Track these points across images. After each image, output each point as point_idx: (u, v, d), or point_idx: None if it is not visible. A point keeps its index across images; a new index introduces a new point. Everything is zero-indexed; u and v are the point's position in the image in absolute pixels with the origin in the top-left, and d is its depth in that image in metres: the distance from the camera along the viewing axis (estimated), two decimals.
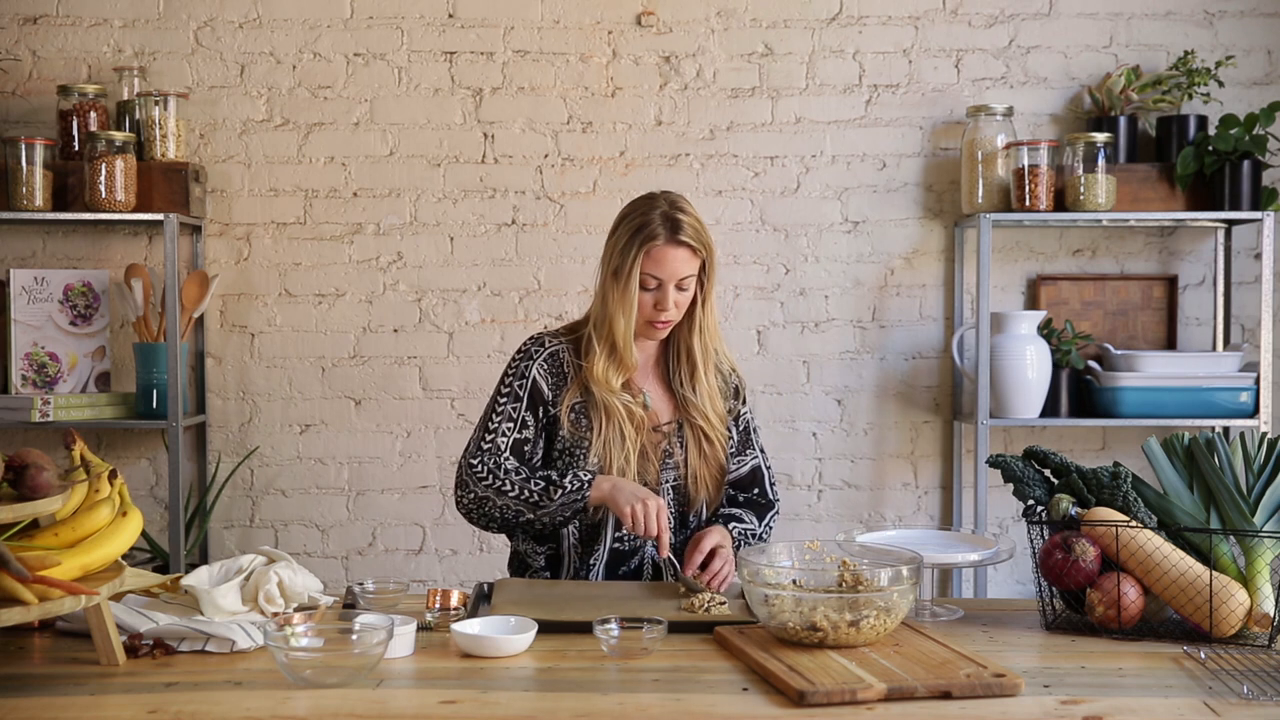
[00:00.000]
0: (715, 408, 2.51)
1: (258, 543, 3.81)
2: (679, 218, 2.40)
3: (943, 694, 1.71)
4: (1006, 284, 3.82)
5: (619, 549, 2.47)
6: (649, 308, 2.42)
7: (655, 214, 2.41)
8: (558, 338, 2.53)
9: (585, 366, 2.45)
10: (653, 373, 2.55)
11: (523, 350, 2.52)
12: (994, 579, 3.78)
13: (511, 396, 2.47)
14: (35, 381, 3.63)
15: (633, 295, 2.40)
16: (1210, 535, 2.04)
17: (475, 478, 2.43)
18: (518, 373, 2.49)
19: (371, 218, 3.80)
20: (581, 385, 2.46)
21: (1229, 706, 1.68)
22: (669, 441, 2.50)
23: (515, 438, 2.45)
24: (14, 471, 1.77)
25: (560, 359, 2.49)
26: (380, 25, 3.78)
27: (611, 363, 2.45)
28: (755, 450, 2.61)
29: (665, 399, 2.53)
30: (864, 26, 3.79)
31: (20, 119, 3.75)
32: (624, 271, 2.40)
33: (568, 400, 2.46)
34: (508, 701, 1.70)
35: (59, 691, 1.74)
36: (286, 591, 2.09)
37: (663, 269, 2.40)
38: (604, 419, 2.44)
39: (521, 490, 2.39)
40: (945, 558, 2.23)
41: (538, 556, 2.50)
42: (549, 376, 2.48)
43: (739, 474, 2.58)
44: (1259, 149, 3.53)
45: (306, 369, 3.82)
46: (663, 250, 2.39)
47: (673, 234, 2.39)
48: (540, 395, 2.47)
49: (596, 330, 2.46)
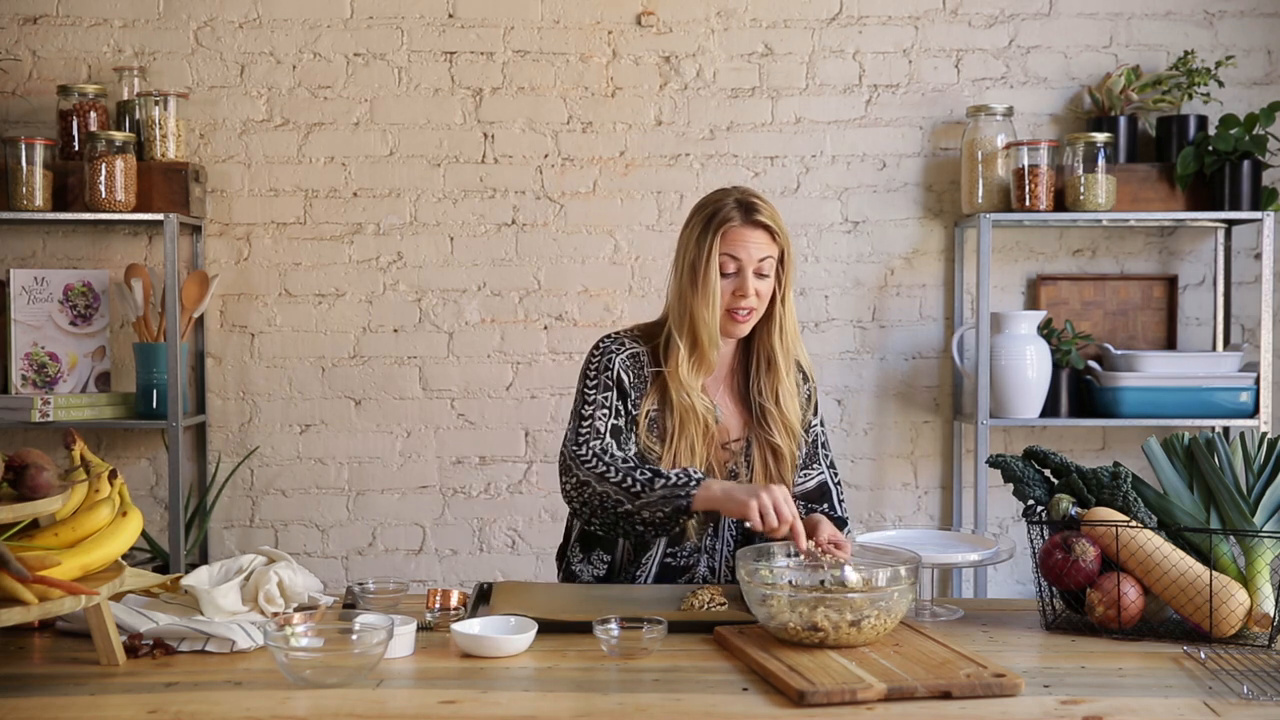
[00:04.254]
0: (794, 418, 2.43)
1: (258, 543, 3.81)
2: (753, 200, 2.37)
3: (943, 694, 1.71)
4: (1006, 284, 3.82)
5: (670, 564, 2.40)
6: (729, 294, 2.35)
7: (729, 200, 2.38)
8: (635, 341, 2.45)
9: (667, 369, 2.38)
10: (725, 383, 2.47)
11: (601, 348, 2.44)
12: (994, 579, 3.78)
13: (601, 386, 2.39)
14: (35, 381, 3.63)
15: (714, 282, 2.34)
16: (1210, 535, 2.04)
17: (578, 460, 2.31)
18: (601, 366, 2.41)
19: (371, 218, 3.80)
20: (658, 392, 2.39)
21: (1229, 706, 1.68)
22: (735, 461, 2.43)
23: (613, 423, 2.37)
24: (14, 471, 1.77)
25: (640, 361, 2.42)
26: (380, 25, 3.78)
27: (694, 360, 2.37)
28: (823, 465, 2.52)
29: (736, 413, 2.46)
30: (864, 26, 3.79)
31: (20, 119, 3.75)
32: (701, 259, 2.34)
33: (646, 406, 2.39)
34: (508, 701, 1.70)
35: (59, 691, 1.74)
36: (286, 591, 2.09)
37: (740, 249, 2.34)
38: (677, 429, 2.36)
39: (625, 477, 2.26)
40: (945, 558, 2.23)
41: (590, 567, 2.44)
42: (630, 374, 2.41)
43: (805, 488, 2.48)
44: (1259, 149, 3.53)
45: (306, 369, 3.82)
46: (739, 231, 2.34)
47: (748, 215, 2.35)
48: (623, 388, 2.40)
49: (677, 328, 2.38)
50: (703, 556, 2.42)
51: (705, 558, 2.42)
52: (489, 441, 3.82)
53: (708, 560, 2.42)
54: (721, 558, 2.43)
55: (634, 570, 2.41)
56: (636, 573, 2.40)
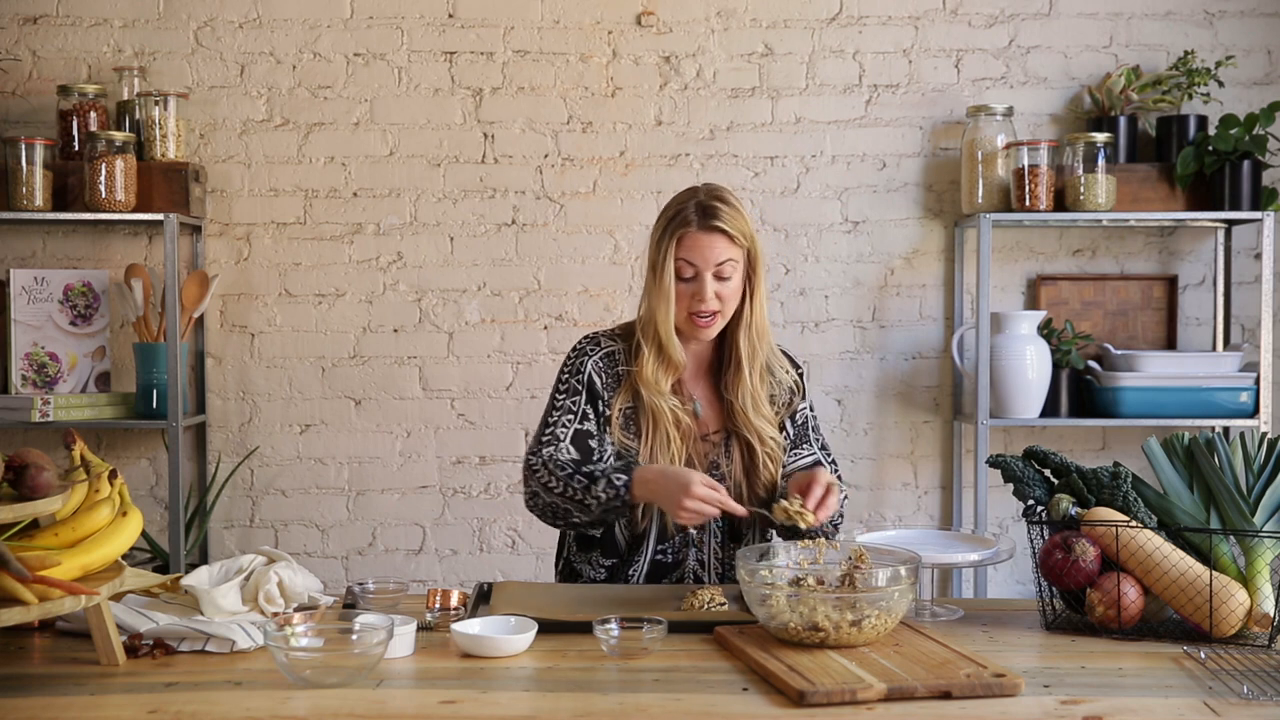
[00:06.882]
0: (766, 413, 2.43)
1: (258, 543, 3.81)
2: (713, 204, 2.36)
3: (943, 694, 1.71)
4: (1006, 284, 3.82)
5: (661, 560, 2.43)
6: (687, 298, 2.37)
7: (691, 203, 2.38)
8: (613, 339, 2.48)
9: (635, 369, 2.41)
10: (704, 378, 2.49)
11: (577, 349, 2.48)
12: (994, 579, 3.78)
13: (570, 391, 2.43)
14: (35, 381, 3.63)
15: (668, 285, 2.36)
16: (1210, 535, 2.04)
17: (531, 470, 2.37)
18: (573, 369, 2.45)
19: (371, 218, 3.80)
20: (632, 389, 2.42)
21: (1229, 706, 1.68)
22: (716, 453, 2.44)
23: (577, 429, 2.40)
24: (14, 471, 1.77)
25: (615, 359, 2.45)
26: (380, 25, 3.78)
27: (660, 363, 2.40)
28: (813, 446, 2.52)
29: (716, 407, 2.47)
30: (864, 26, 3.79)
31: (20, 119, 3.75)
32: (660, 262, 2.36)
33: (619, 404, 2.42)
34: (508, 701, 1.70)
35: (59, 691, 1.74)
36: (286, 591, 2.10)
37: (696, 255, 2.35)
38: (651, 425, 2.39)
39: (565, 488, 2.31)
40: (945, 558, 2.23)
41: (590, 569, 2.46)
42: (603, 374, 2.44)
43: (798, 464, 2.48)
44: (1259, 149, 3.53)
45: (306, 369, 3.82)
46: (695, 236, 2.35)
47: (705, 219, 2.35)
48: (595, 391, 2.43)
49: (643, 330, 2.42)
50: (691, 550, 2.44)
51: (694, 551, 2.44)
52: (489, 441, 3.82)
53: (696, 554, 2.44)
54: (710, 550, 2.45)
55: (626, 571, 2.43)
56: (629, 572, 2.43)
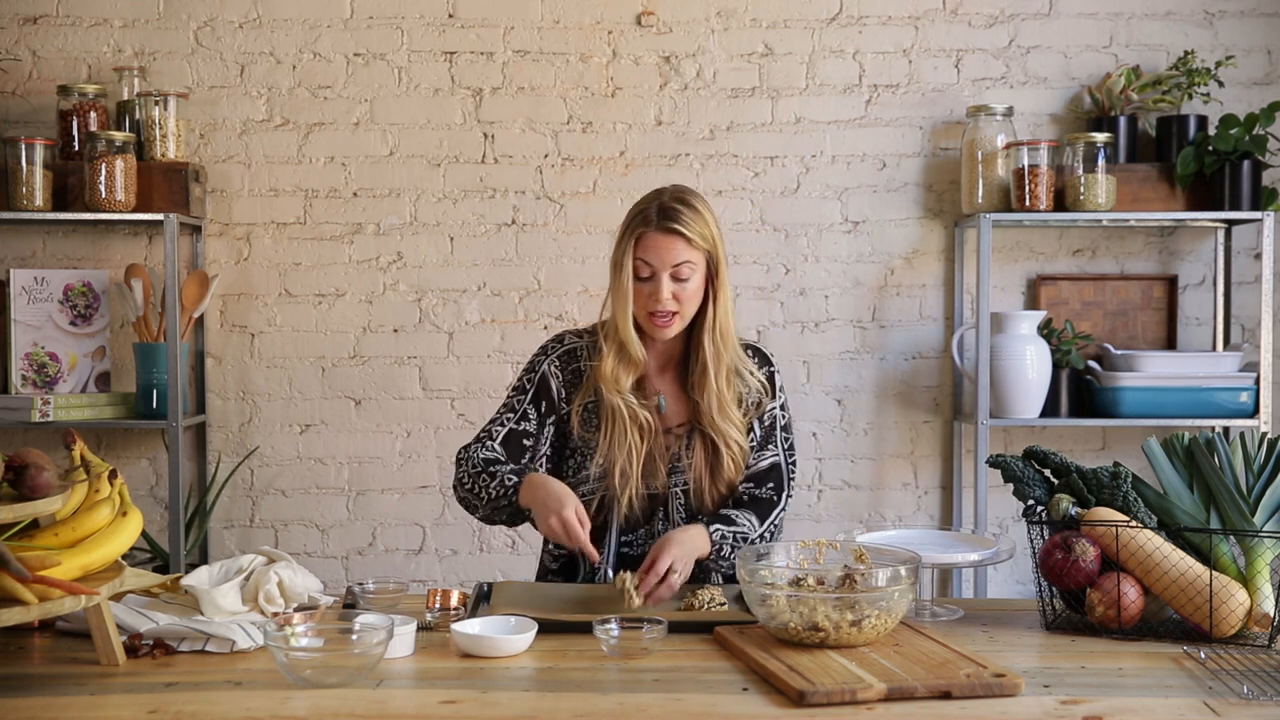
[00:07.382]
0: (724, 415, 2.43)
1: (258, 543, 3.81)
2: (674, 207, 2.37)
3: (943, 694, 1.71)
4: (1006, 284, 3.82)
5: (627, 553, 2.44)
6: (644, 297, 2.38)
7: (654, 204, 2.39)
8: (579, 336, 2.52)
9: (595, 366, 2.44)
10: (670, 372, 2.50)
11: (541, 347, 2.53)
12: (994, 579, 3.78)
13: (519, 389, 2.48)
14: (35, 381, 3.63)
15: (626, 285, 2.38)
16: (1210, 535, 2.04)
17: (457, 464, 2.44)
18: (530, 367, 2.50)
19: (371, 218, 3.80)
20: (594, 385, 2.45)
21: (1229, 706, 1.68)
22: (679, 446, 2.46)
23: (512, 428, 2.44)
24: (14, 471, 1.77)
25: (577, 356, 2.49)
26: (380, 25, 3.78)
27: (620, 361, 2.42)
28: (778, 448, 2.52)
29: (681, 402, 2.49)
30: (864, 26, 3.79)
31: (20, 119, 3.75)
32: (620, 260, 2.39)
33: (580, 399, 2.45)
34: (508, 701, 1.70)
35: (59, 691, 1.74)
36: (286, 591, 2.10)
37: (652, 255, 2.36)
38: (610, 421, 2.41)
39: (473, 483, 2.38)
40: (945, 558, 2.23)
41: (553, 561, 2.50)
42: (561, 373, 2.47)
43: (758, 468, 2.49)
44: (1259, 149, 3.53)
45: (306, 369, 3.82)
46: (652, 237, 2.36)
47: (663, 221, 2.36)
48: (548, 391, 2.46)
49: (604, 328, 2.46)
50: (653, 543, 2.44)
51: None
52: None
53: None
54: None
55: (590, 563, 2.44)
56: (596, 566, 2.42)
